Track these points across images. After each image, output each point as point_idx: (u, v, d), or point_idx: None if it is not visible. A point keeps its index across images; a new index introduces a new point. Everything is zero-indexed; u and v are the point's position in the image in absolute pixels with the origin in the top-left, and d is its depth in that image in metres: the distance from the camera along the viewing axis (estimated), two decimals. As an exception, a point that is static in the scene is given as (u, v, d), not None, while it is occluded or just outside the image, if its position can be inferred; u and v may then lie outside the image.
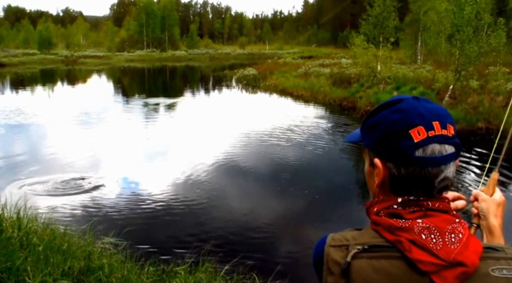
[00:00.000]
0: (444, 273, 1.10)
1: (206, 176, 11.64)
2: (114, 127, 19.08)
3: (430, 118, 1.19)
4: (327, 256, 1.21)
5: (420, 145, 1.17)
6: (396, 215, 1.21)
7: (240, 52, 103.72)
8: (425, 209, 1.20)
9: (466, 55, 20.42)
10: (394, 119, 1.22)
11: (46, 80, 44.27)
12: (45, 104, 26.35)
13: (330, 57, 55.70)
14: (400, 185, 1.24)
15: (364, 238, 1.21)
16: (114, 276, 5.01)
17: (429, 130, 1.18)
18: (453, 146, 1.21)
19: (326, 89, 27.62)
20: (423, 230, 1.15)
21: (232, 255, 6.48)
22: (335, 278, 1.18)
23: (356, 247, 1.18)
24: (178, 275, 5.48)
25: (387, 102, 1.29)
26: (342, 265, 1.17)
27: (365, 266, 1.15)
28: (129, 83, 43.57)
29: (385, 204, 1.25)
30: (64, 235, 6.04)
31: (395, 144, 1.21)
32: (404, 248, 1.14)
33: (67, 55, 76.13)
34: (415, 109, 1.21)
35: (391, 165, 1.24)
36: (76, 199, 9.82)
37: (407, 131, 1.19)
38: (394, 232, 1.17)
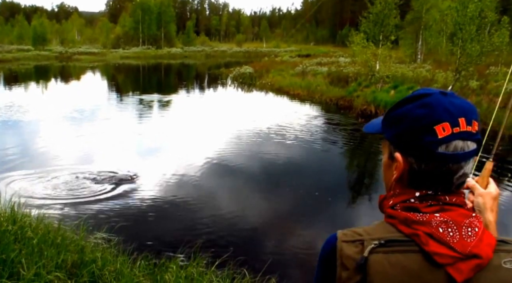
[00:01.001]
0: (459, 265, 1.15)
1: (199, 173, 11.83)
2: (107, 124, 19.25)
3: (456, 114, 1.21)
4: (341, 251, 1.24)
5: (444, 141, 1.20)
6: (412, 208, 1.24)
7: (237, 50, 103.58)
8: (442, 204, 1.24)
9: (468, 54, 20.31)
10: (419, 114, 1.23)
11: (40, 77, 44.25)
12: (38, 101, 26.41)
13: (328, 55, 55.66)
14: (419, 180, 1.26)
15: (378, 232, 1.24)
16: (107, 269, 5.17)
17: (454, 127, 1.20)
18: (475, 143, 1.23)
19: (323, 88, 27.71)
20: (440, 224, 1.19)
21: (223, 251, 6.65)
22: (350, 273, 1.21)
23: (373, 242, 1.20)
24: (169, 269, 5.63)
25: (413, 95, 1.29)
26: (358, 260, 1.20)
27: (382, 261, 1.18)
28: (123, 80, 43.54)
29: (402, 197, 1.28)
30: (58, 230, 6.20)
31: (419, 139, 1.23)
32: (421, 241, 1.17)
33: (62, 52, 75.93)
34: (442, 105, 1.22)
35: (412, 159, 1.26)
36: (69, 194, 9.99)
37: (432, 126, 1.20)
38: (410, 226, 1.21)
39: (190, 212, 9.23)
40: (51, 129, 17.96)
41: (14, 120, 19.42)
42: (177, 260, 5.90)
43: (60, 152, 13.80)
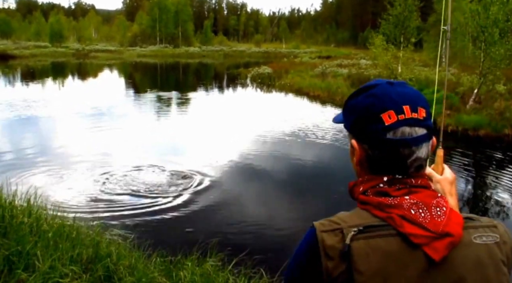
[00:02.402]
0: (434, 244, 1.21)
1: (218, 172, 11.86)
2: (125, 121, 19.40)
3: (400, 102, 1.30)
4: (322, 242, 1.26)
5: (391, 128, 1.28)
6: (383, 193, 1.32)
7: (256, 50, 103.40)
8: (410, 186, 1.31)
9: (492, 58, 20.04)
10: (367, 104, 1.34)
11: (57, 73, 44.71)
12: (56, 97, 26.71)
13: (349, 57, 55.40)
14: (377, 165, 1.35)
15: (354, 219, 1.29)
16: (121, 264, 5.19)
17: (399, 114, 1.28)
18: (424, 128, 1.31)
19: (344, 90, 27.44)
20: (411, 206, 1.25)
21: (241, 249, 6.62)
22: (335, 263, 1.24)
23: (352, 230, 1.24)
24: (185, 266, 5.64)
25: (363, 87, 1.40)
26: (342, 248, 1.23)
27: (364, 247, 1.22)
28: (141, 79, 43.81)
29: (371, 183, 1.36)
30: (73, 224, 6.24)
31: (368, 127, 1.32)
32: (396, 223, 1.23)
33: (78, 49, 76.71)
34: (387, 94, 1.32)
35: (366, 146, 1.35)
36: (85, 190, 10.08)
37: (378, 115, 1.30)
38: (384, 210, 1.27)
39: (208, 210, 9.26)
40: (70, 125, 18.20)
41: (33, 116, 19.66)
42: (193, 257, 5.89)
43: (78, 148, 14.00)
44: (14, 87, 32.17)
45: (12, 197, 6.48)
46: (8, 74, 41.28)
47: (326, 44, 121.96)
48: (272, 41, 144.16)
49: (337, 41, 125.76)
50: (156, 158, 13.02)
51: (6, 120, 18.63)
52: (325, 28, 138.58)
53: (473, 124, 17.61)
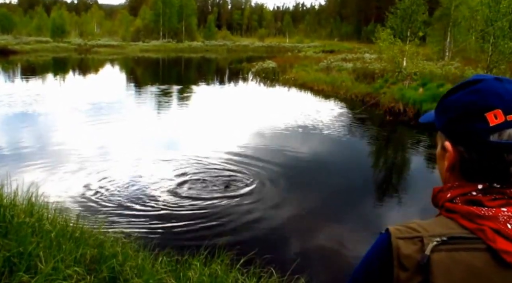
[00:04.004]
0: None
1: (222, 168, 11.69)
2: (128, 116, 19.31)
3: (510, 101, 1.15)
4: (397, 249, 1.14)
5: (496, 129, 1.14)
6: (475, 202, 1.16)
7: (259, 45, 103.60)
8: (508, 197, 1.15)
9: (500, 51, 20.10)
10: (469, 100, 1.19)
11: (58, 69, 44.61)
12: (57, 93, 26.64)
13: (353, 51, 55.33)
14: (472, 171, 1.20)
15: (437, 228, 1.16)
16: (128, 265, 5.03)
17: (507, 114, 1.13)
18: None
19: (349, 84, 27.52)
20: (509, 219, 1.11)
21: (249, 248, 6.48)
22: (409, 274, 1.12)
23: (435, 239, 1.12)
24: (193, 266, 5.50)
25: (465, 82, 1.25)
26: (420, 259, 1.10)
27: (446, 260, 1.10)
28: (143, 73, 43.75)
29: (462, 190, 1.21)
30: (77, 223, 6.09)
31: (469, 127, 1.18)
32: (488, 237, 1.09)
33: (80, 44, 76.60)
34: (494, 91, 1.16)
35: (462, 149, 1.20)
36: (88, 188, 9.93)
37: (482, 113, 1.15)
38: (474, 220, 1.13)
39: (215, 208, 9.10)
40: (72, 120, 18.14)
41: (33, 112, 19.53)
42: (201, 257, 5.74)
43: (78, 145, 13.85)
44: (14, 83, 31.96)
45: (13, 196, 6.33)
46: (8, 70, 41.05)
47: (330, 38, 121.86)
48: (275, 36, 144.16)
49: (341, 35, 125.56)
50: (160, 153, 12.96)
51: (5, 116, 18.49)
52: (329, 22, 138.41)
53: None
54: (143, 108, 21.97)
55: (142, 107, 22.14)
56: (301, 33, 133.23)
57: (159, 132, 16.16)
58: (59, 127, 16.66)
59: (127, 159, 12.23)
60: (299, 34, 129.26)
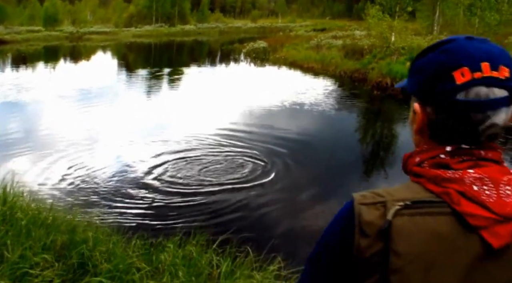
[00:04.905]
0: (496, 228, 1.02)
1: (200, 148, 11.62)
2: (116, 101, 19.17)
3: (478, 58, 1.09)
4: (359, 216, 1.09)
5: (463, 87, 1.09)
6: (443, 165, 1.12)
7: (251, 26, 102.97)
8: (477, 159, 1.11)
9: (486, 23, 20.17)
10: (438, 60, 1.14)
11: (49, 57, 44.21)
12: (45, 81, 26.30)
13: (344, 29, 55.17)
14: (441, 133, 1.16)
15: (403, 193, 1.11)
16: (98, 250, 4.94)
17: (474, 72, 1.08)
18: (505, 90, 1.09)
19: (338, 61, 27.55)
20: (475, 181, 1.06)
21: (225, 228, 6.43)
22: (370, 241, 1.07)
23: (398, 204, 1.07)
24: (166, 248, 5.41)
25: (436, 43, 1.20)
26: (381, 225, 1.05)
27: (408, 225, 1.05)
28: (134, 58, 43.46)
29: (430, 153, 1.16)
30: (50, 210, 5.98)
31: (436, 87, 1.13)
32: (452, 200, 1.05)
33: (72, 32, 75.85)
34: (463, 49, 1.12)
35: (430, 110, 1.16)
36: (66, 174, 9.78)
37: (450, 72, 1.10)
38: (441, 184, 1.09)
39: (191, 189, 8.98)
40: (55, 108, 17.95)
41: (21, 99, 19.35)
42: (176, 239, 5.65)
43: (62, 130, 13.85)
44: (3, 72, 31.57)
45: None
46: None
47: (322, 17, 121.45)
48: (268, 17, 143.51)
49: (333, 14, 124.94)
50: (144, 136, 12.92)
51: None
52: (321, 1, 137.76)
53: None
54: (134, 92, 21.78)
55: (134, 91, 21.96)
56: (294, 13, 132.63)
57: (147, 115, 16.03)
58: (46, 114, 16.52)
59: (110, 144, 12.19)
60: (292, 14, 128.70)
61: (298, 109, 16.67)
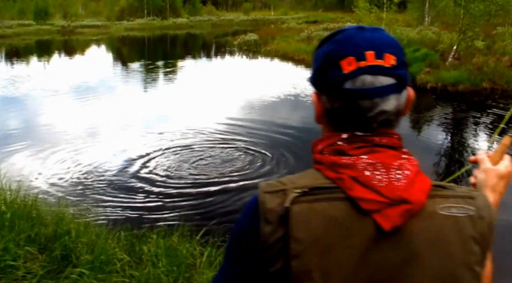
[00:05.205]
0: (387, 211, 1.05)
1: (186, 140, 11.67)
2: (105, 96, 18.95)
3: (364, 48, 1.13)
4: (263, 204, 1.11)
5: (349, 76, 1.12)
6: (340, 151, 1.16)
7: (244, 19, 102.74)
8: (372, 145, 1.15)
9: (471, 14, 20.18)
10: (328, 50, 1.18)
11: (42, 51, 44.00)
12: (39, 75, 26.04)
13: (336, 21, 55.18)
14: (337, 120, 1.20)
15: (304, 180, 1.14)
16: (80, 241, 5.01)
17: (360, 60, 1.12)
18: (392, 78, 1.13)
19: (328, 53, 27.53)
20: (367, 167, 1.10)
21: (210, 219, 6.49)
22: (273, 228, 1.09)
23: (296, 191, 1.09)
24: (149, 239, 5.49)
25: (331, 33, 1.23)
26: (280, 211, 1.08)
27: (305, 211, 1.07)
28: (128, 52, 43.31)
29: (329, 141, 1.20)
30: (35, 203, 6.05)
31: (327, 76, 1.17)
32: (346, 186, 1.08)
33: (64, 25, 75.28)
34: (351, 39, 1.15)
35: (325, 98, 1.20)
36: (54, 167, 9.81)
37: (337, 62, 1.14)
38: (336, 170, 1.12)
39: (175, 181, 9.02)
40: (54, 100, 17.88)
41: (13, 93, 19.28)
42: (159, 230, 5.73)
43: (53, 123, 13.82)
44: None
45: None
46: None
47: (314, 10, 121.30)
48: (261, 9, 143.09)
49: (325, 6, 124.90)
50: (135, 129, 12.93)
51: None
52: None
53: (452, 80, 17.78)
54: (131, 85, 21.55)
55: (130, 85, 21.74)
56: (287, 5, 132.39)
57: (143, 109, 16.04)
58: (38, 108, 16.44)
59: (102, 138, 12.19)
60: (285, 6, 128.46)
61: (286, 100, 16.77)
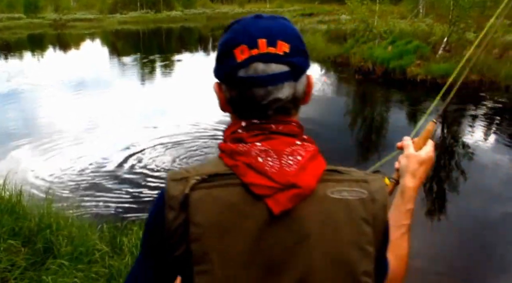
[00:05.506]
0: (277, 196, 1.10)
1: (180, 134, 11.75)
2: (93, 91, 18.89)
3: (256, 36, 1.16)
4: (168, 191, 1.16)
5: (242, 64, 1.16)
6: (239, 139, 1.20)
7: (239, 11, 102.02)
8: (269, 132, 1.19)
9: (461, 6, 20.14)
10: (224, 40, 1.22)
11: (35, 45, 43.65)
12: (33, 69, 25.91)
13: (331, 14, 54.85)
14: (236, 109, 1.25)
15: (206, 168, 1.19)
16: (60, 233, 5.23)
17: (252, 48, 1.16)
18: (286, 65, 1.17)
19: (321, 46, 27.44)
20: (260, 153, 1.14)
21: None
22: (175, 214, 1.14)
23: (195, 178, 1.15)
24: (130, 231, 5.66)
25: (229, 23, 1.27)
26: (181, 197, 1.14)
27: (204, 197, 1.13)
28: (123, 46, 42.94)
29: (231, 129, 1.25)
30: (20, 198, 6.21)
31: (223, 66, 1.21)
32: (240, 172, 1.13)
33: (55, 19, 74.47)
34: (245, 27, 1.19)
35: (224, 87, 1.24)
36: (40, 161, 9.98)
37: (232, 50, 1.18)
38: (233, 157, 1.17)
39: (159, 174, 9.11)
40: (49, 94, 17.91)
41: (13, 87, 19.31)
42: (141, 222, 5.91)
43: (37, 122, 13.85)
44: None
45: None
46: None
47: (311, 2, 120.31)
48: (256, 1, 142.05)
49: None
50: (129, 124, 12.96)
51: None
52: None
53: (441, 72, 17.65)
54: (127, 80, 21.60)
55: (126, 80, 21.79)
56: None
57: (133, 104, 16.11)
58: (30, 102, 16.57)
59: (93, 132, 12.26)
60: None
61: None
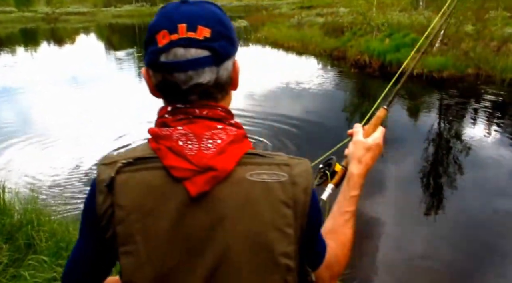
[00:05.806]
0: (195, 178, 1.15)
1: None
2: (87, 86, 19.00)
3: (177, 21, 1.19)
4: (98, 176, 1.22)
5: (163, 49, 1.18)
6: (164, 123, 1.24)
7: (236, 4, 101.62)
8: (193, 117, 1.22)
9: (460, -2, 20.07)
10: (150, 25, 1.24)
11: (28, 40, 43.50)
12: (27, 65, 26.00)
13: (330, 6, 54.66)
14: (163, 93, 1.27)
15: (133, 152, 1.24)
16: (42, 230, 5.24)
17: (172, 34, 1.17)
18: (206, 50, 1.19)
19: (318, 39, 27.46)
20: (180, 137, 1.19)
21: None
22: (104, 197, 1.19)
23: (121, 162, 1.20)
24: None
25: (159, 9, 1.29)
26: (106, 181, 1.19)
27: (128, 180, 1.18)
28: (119, 40, 42.67)
29: (160, 113, 1.28)
30: (3, 194, 6.18)
31: (147, 50, 1.24)
32: (161, 155, 1.18)
33: (48, 12, 73.84)
34: (168, 13, 1.22)
35: (151, 72, 1.26)
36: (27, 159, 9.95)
37: (154, 36, 1.20)
38: (157, 141, 1.21)
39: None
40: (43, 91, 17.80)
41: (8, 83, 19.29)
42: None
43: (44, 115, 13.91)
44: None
45: None
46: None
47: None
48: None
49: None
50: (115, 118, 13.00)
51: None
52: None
53: (437, 66, 17.69)
54: (124, 76, 21.72)
55: (123, 75, 21.93)
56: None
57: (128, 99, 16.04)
58: (24, 98, 16.65)
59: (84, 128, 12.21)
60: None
61: (276, 89, 16.83)
